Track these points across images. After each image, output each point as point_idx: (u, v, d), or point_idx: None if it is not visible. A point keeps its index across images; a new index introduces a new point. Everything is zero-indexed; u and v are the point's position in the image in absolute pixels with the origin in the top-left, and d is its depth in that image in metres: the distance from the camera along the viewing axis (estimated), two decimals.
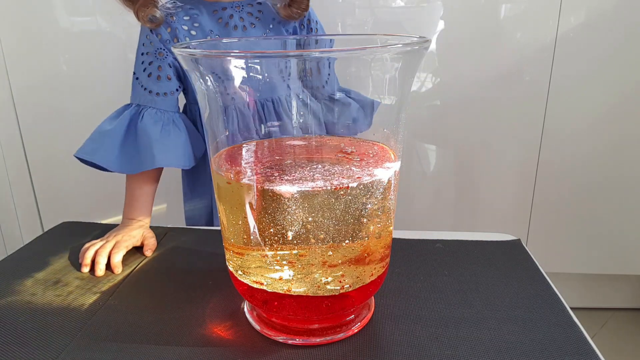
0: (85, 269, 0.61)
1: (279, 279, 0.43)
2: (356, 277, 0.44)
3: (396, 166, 0.45)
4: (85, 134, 0.71)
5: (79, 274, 0.60)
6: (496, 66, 1.21)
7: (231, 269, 0.48)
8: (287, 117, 0.50)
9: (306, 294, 0.43)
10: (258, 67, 0.41)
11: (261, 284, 0.44)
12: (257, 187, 0.41)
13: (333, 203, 0.40)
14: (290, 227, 0.41)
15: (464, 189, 1.34)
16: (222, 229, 0.48)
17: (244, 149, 0.48)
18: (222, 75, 0.42)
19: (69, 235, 0.70)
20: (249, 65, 0.40)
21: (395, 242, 0.53)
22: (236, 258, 0.46)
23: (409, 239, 0.66)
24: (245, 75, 0.41)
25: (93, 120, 0.73)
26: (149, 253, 0.65)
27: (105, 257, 0.61)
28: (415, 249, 0.64)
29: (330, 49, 0.58)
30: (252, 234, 0.43)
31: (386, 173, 0.43)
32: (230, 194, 0.44)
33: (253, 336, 0.48)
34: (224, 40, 0.62)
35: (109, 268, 0.61)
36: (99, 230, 0.71)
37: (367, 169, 0.44)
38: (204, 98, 0.44)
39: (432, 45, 1.20)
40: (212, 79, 0.42)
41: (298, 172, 0.43)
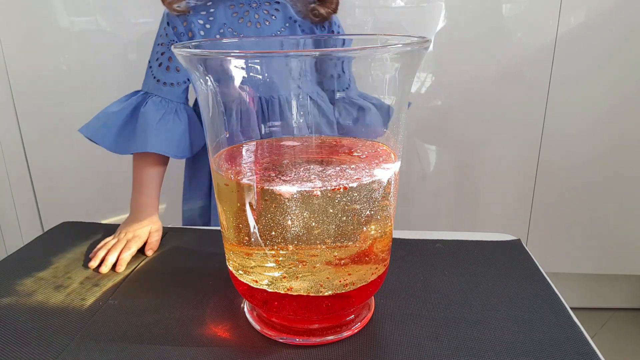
0: (94, 262, 0.62)
1: (279, 278, 0.43)
2: (356, 277, 0.44)
3: (396, 166, 0.45)
4: None
5: (80, 273, 0.60)
6: (496, 66, 1.21)
7: (231, 268, 0.48)
8: (293, 117, 0.50)
9: (306, 294, 0.43)
10: (258, 67, 0.41)
11: (261, 283, 0.44)
12: (257, 187, 0.41)
13: (333, 203, 0.40)
14: (290, 227, 0.41)
15: (464, 189, 1.34)
16: (222, 229, 0.48)
17: (243, 148, 0.48)
18: (230, 75, 0.42)
19: (69, 235, 0.70)
20: (249, 65, 0.40)
21: (395, 242, 0.53)
22: (236, 258, 0.46)
23: (409, 239, 0.66)
24: (246, 75, 0.41)
25: None
26: (150, 253, 0.65)
27: (115, 256, 0.62)
28: (415, 249, 0.64)
29: (330, 49, 0.58)
30: (252, 234, 0.43)
31: (386, 173, 0.43)
32: (230, 194, 0.44)
33: (253, 336, 0.48)
34: (224, 40, 0.62)
35: (113, 266, 0.62)
36: (100, 231, 0.71)
37: (367, 169, 0.44)
38: (205, 98, 0.44)
39: (432, 45, 1.20)
40: (212, 79, 0.42)
41: (298, 173, 0.43)
